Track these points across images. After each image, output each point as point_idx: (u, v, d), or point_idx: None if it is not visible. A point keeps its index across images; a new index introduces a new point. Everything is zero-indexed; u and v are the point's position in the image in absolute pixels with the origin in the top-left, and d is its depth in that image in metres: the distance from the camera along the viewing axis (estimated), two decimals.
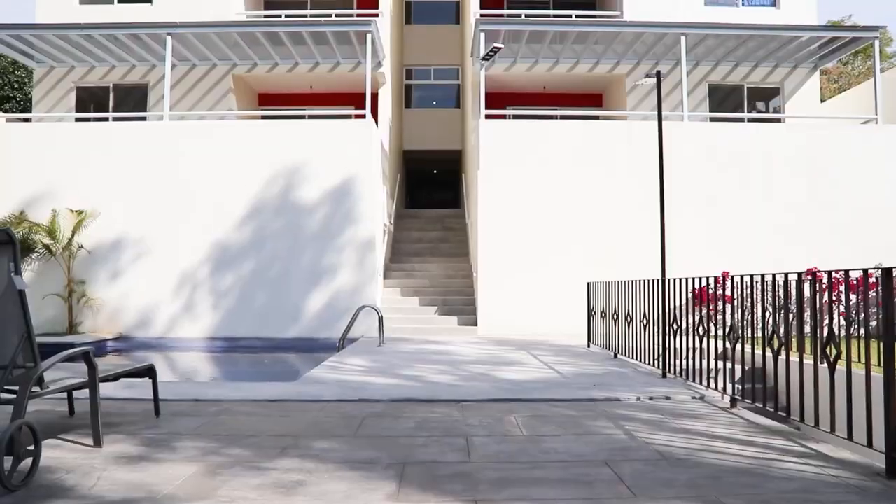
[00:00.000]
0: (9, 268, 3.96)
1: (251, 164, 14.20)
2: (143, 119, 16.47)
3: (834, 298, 5.28)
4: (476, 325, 13.98)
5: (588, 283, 11.24)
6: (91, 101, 17.93)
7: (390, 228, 17.59)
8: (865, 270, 4.08)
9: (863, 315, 4.05)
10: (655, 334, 7.76)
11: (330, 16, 18.36)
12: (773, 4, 18.15)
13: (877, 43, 15.74)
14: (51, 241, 13.60)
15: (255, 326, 13.84)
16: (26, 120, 18.22)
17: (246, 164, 14.20)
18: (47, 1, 17.78)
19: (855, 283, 5.36)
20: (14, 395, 3.79)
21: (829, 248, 13.89)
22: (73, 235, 13.67)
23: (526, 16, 18.66)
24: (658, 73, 12.76)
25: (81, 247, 13.84)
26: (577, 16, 18.10)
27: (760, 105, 18.23)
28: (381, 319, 11.85)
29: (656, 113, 12.80)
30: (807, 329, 5.99)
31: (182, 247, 14.02)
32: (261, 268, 14.04)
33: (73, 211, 13.78)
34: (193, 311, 13.94)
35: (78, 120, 16.94)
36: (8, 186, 14.14)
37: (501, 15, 19.40)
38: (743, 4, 18.19)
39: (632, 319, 8.61)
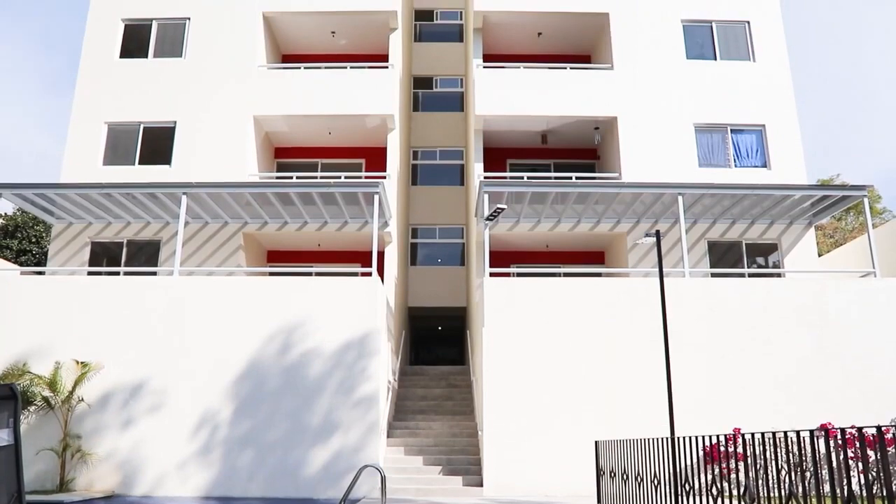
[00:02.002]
0: (7, 423, 3.91)
1: (257, 320, 14.28)
2: (154, 274, 16.76)
3: (851, 455, 5.13)
4: (481, 485, 13.45)
5: (596, 442, 10.97)
6: (104, 255, 18.36)
7: (394, 386, 17.36)
8: (879, 427, 4.00)
9: (882, 473, 3.92)
10: (666, 495, 7.46)
11: (339, 177, 19.16)
12: (765, 165, 18.94)
13: (866, 201, 16.32)
14: (51, 393, 13.43)
15: (253, 485, 13.35)
16: (40, 273, 18.59)
17: (252, 320, 14.28)
18: (73, 162, 18.66)
19: (871, 438, 5.23)
20: None
21: (833, 401, 13.69)
22: (74, 388, 13.50)
23: (528, 177, 19.45)
24: (657, 232, 13.12)
25: (81, 400, 13.64)
26: (577, 177, 18.84)
27: (760, 260, 18.55)
28: (383, 480, 11.38)
29: (657, 270, 13.03)
30: (825, 487, 5.77)
31: (182, 402, 13.81)
32: (260, 425, 13.74)
33: (78, 362, 13.71)
34: (189, 469, 13.49)
35: (90, 273, 17.26)
36: (15, 338, 14.17)
37: (504, 177, 20.23)
38: (735, 165, 18.98)
39: (642, 479, 8.31)
